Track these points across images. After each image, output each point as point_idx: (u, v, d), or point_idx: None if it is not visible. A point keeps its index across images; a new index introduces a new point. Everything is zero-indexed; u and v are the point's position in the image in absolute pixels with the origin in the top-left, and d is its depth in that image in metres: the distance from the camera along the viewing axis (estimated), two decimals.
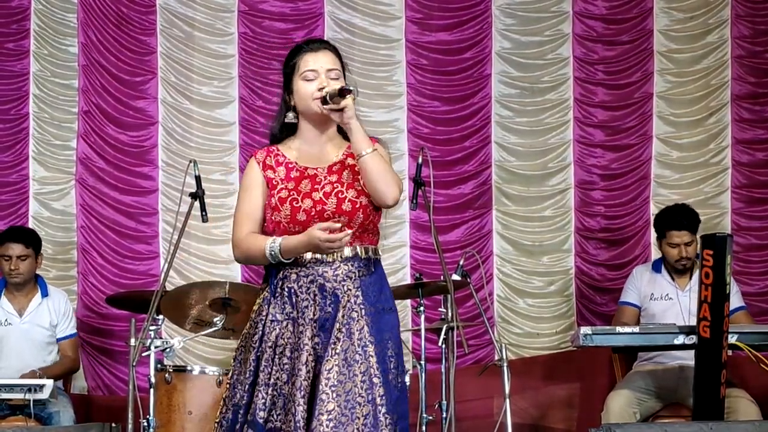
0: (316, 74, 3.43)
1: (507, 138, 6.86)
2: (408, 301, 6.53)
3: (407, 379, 5.20)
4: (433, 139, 6.74)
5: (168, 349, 4.76)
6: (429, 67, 6.83)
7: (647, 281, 5.83)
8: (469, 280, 5.45)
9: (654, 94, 6.90)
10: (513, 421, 4.94)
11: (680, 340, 5.04)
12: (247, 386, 3.38)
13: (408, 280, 6.49)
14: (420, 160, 4.87)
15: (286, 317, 3.38)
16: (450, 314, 5.20)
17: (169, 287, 5.61)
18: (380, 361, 3.33)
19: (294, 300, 3.38)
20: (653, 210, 6.75)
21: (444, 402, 5.28)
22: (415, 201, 4.75)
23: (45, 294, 5.87)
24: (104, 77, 6.62)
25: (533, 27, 6.92)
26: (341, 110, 3.35)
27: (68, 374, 5.98)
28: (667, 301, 5.72)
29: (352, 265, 3.39)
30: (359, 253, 3.41)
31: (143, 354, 4.72)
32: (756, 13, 6.95)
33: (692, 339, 4.99)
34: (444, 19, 6.87)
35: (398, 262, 6.71)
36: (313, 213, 3.38)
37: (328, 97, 3.37)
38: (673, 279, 5.76)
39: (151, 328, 4.76)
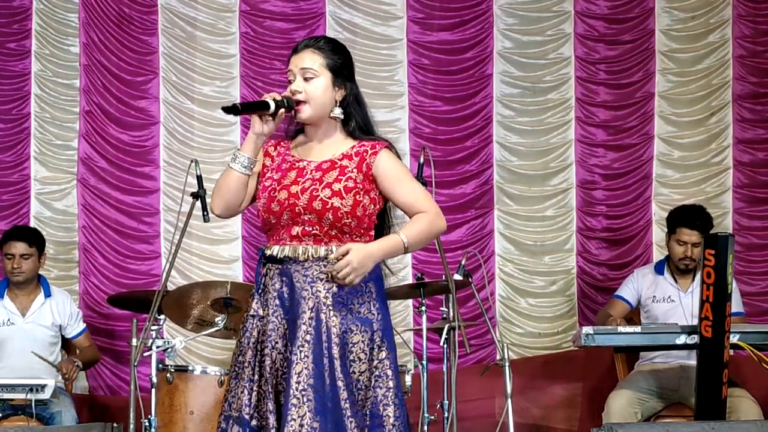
0: (293, 75, 3.46)
1: (508, 138, 6.86)
2: (410, 301, 6.54)
3: (408, 379, 5.29)
4: (434, 139, 6.74)
5: (169, 349, 4.76)
6: (430, 67, 6.83)
7: (649, 283, 5.80)
8: (470, 279, 5.44)
9: (655, 94, 6.90)
10: (515, 420, 4.93)
11: (682, 339, 5.04)
12: (236, 383, 3.41)
13: (410, 280, 6.48)
14: (421, 160, 4.87)
15: (266, 313, 3.41)
16: (452, 314, 5.20)
17: (171, 287, 5.61)
18: (343, 364, 3.32)
19: (268, 297, 3.41)
20: (655, 209, 6.76)
21: (446, 402, 5.29)
22: None
23: (48, 294, 5.86)
24: (106, 77, 6.62)
25: (535, 26, 6.91)
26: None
27: (94, 363, 6.02)
28: (669, 303, 5.70)
29: (324, 266, 3.37)
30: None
31: (145, 354, 4.72)
32: (757, 13, 6.95)
33: (694, 339, 4.99)
34: (445, 19, 6.86)
35: (400, 262, 6.70)
36: (285, 205, 3.39)
37: (285, 102, 3.38)
38: (675, 281, 5.75)
39: (153, 328, 4.76)
